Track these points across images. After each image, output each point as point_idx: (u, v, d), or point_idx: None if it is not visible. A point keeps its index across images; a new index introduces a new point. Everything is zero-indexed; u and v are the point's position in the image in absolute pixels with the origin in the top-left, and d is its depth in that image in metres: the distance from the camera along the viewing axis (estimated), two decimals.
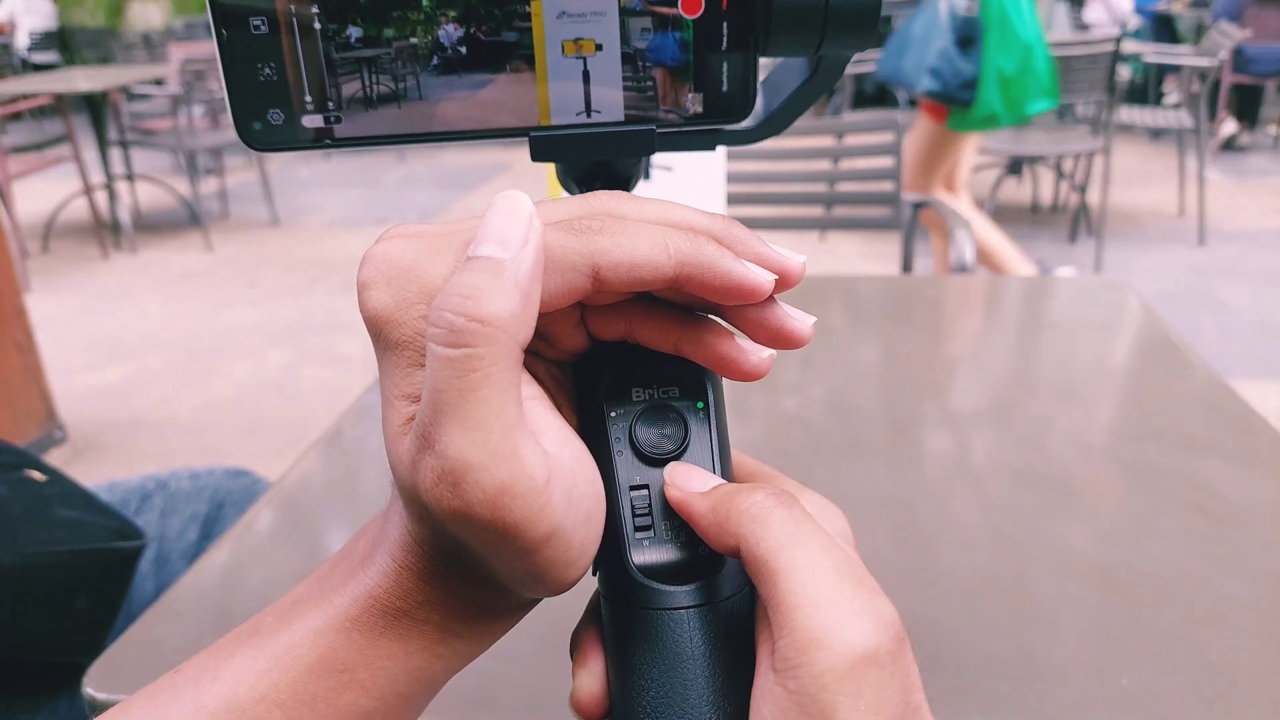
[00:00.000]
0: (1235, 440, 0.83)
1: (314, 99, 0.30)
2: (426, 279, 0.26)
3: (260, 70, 0.29)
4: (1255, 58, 5.53)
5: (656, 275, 0.27)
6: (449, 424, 0.24)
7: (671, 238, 0.27)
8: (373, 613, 0.28)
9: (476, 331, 0.24)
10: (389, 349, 0.27)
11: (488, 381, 0.24)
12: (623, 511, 0.29)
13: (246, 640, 0.29)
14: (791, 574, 0.25)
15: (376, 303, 0.27)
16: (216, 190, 5.45)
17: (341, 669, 0.28)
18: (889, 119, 2.03)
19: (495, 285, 0.24)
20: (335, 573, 0.30)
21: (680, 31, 0.30)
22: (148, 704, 0.29)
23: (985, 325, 1.13)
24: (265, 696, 0.27)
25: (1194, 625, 0.60)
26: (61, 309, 3.81)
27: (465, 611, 0.29)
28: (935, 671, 0.57)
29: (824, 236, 4.19)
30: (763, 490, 0.27)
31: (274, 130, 0.30)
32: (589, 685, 0.29)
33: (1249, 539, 0.69)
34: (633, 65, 0.30)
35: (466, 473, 0.24)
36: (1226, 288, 3.60)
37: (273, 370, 3.15)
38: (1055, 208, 4.71)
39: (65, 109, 4.46)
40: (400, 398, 0.27)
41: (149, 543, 0.99)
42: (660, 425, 0.30)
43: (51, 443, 2.63)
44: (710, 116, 0.31)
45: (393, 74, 0.29)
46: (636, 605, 0.28)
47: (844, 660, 0.23)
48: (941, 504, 0.75)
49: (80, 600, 0.90)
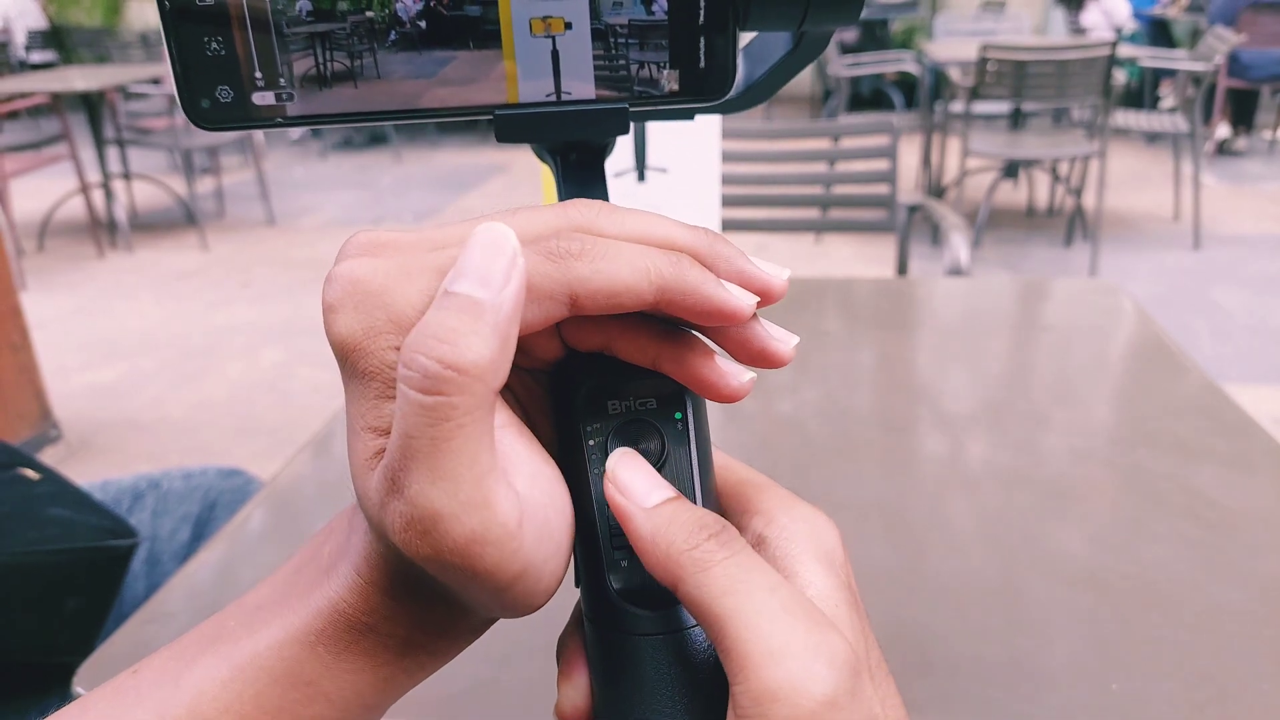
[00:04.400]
0: (1228, 445, 0.83)
1: (264, 75, 0.28)
2: (396, 306, 0.25)
3: (208, 45, 0.27)
4: (1251, 63, 5.54)
5: (637, 302, 0.26)
6: (419, 472, 0.23)
7: (652, 260, 0.26)
8: (338, 627, 0.27)
9: (451, 380, 0.23)
10: (355, 378, 0.26)
11: (461, 431, 0.23)
12: (600, 531, 0.28)
13: (210, 646, 0.28)
14: (738, 620, 0.24)
15: (343, 329, 0.25)
16: (212, 190, 5.44)
17: (306, 682, 0.27)
18: (885, 122, 2.04)
19: (474, 330, 0.23)
20: (301, 577, 0.29)
21: (655, 5, 0.28)
22: (106, 706, 0.28)
23: (980, 329, 1.13)
24: (229, 708, 0.27)
25: (1185, 631, 0.60)
26: (57, 308, 3.80)
27: (430, 627, 0.28)
28: (925, 676, 0.57)
29: (820, 239, 4.19)
30: (705, 528, 0.26)
31: (223, 108, 0.28)
32: (573, 698, 0.29)
33: (1240, 545, 0.69)
34: (604, 42, 0.28)
35: (436, 522, 0.24)
36: (1221, 292, 3.61)
37: (266, 370, 3.15)
38: (1051, 211, 4.72)
39: (62, 108, 4.45)
40: (367, 429, 0.26)
41: (141, 542, 0.99)
42: (637, 440, 0.28)
43: (46, 441, 2.62)
44: (686, 95, 0.29)
45: (348, 50, 0.28)
46: (617, 629, 0.28)
47: (802, 711, 0.23)
48: (934, 508, 0.75)
49: (71, 600, 0.90)
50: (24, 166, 4.33)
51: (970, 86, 4.10)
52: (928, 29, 7.06)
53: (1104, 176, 3.90)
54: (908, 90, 6.85)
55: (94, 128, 4.44)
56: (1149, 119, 4.64)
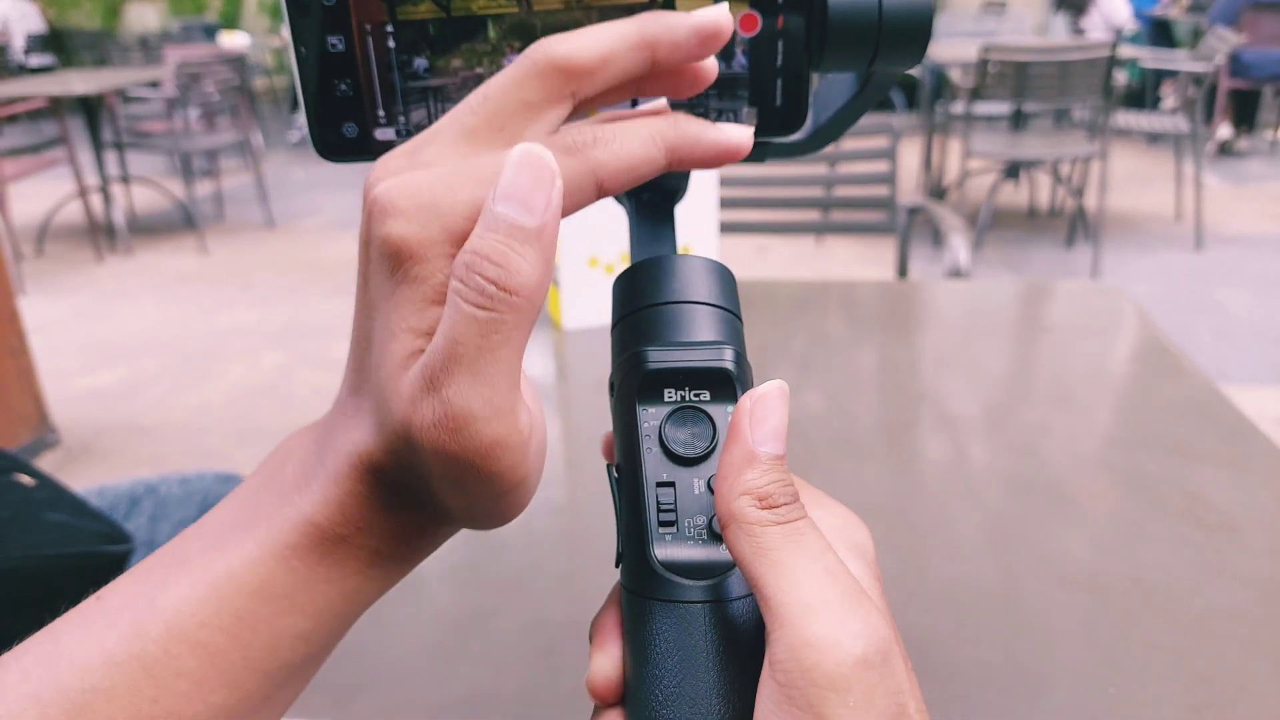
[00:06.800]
0: (1228, 448, 0.82)
1: (386, 114, 0.32)
2: (448, 216, 0.27)
3: (337, 86, 0.31)
4: (1252, 63, 5.54)
5: (653, 170, 0.29)
6: (461, 375, 0.25)
7: (655, 127, 0.29)
8: (311, 539, 0.29)
9: (506, 300, 0.25)
10: (406, 282, 0.27)
11: (506, 344, 0.26)
12: (647, 506, 0.30)
13: (179, 569, 0.29)
14: (783, 573, 0.25)
15: (402, 233, 0.27)
16: (212, 193, 5.45)
17: (282, 594, 0.29)
18: (885, 124, 2.03)
19: (525, 256, 0.26)
20: (266, 496, 0.30)
21: (737, 51, 0.31)
22: (78, 631, 0.29)
23: (980, 331, 1.13)
24: (207, 623, 0.28)
25: (1183, 634, 0.60)
26: (56, 312, 3.80)
27: (401, 537, 0.30)
28: (924, 678, 0.56)
29: (820, 240, 4.19)
30: (786, 490, 0.27)
31: (348, 142, 0.32)
32: (605, 669, 0.30)
33: (1239, 547, 0.69)
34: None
35: (469, 422, 0.26)
36: (1224, 292, 3.61)
37: (267, 373, 3.15)
38: (1053, 212, 4.72)
39: (61, 111, 4.46)
40: (408, 331, 0.27)
41: (138, 547, 0.99)
42: (690, 426, 0.30)
43: (44, 446, 2.62)
44: (764, 131, 0.32)
45: (457, 100, 0.30)
46: (656, 596, 0.29)
47: (832, 659, 0.24)
48: (934, 510, 0.75)
49: (68, 605, 0.90)
50: (23, 170, 4.32)
51: (971, 87, 4.10)
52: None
53: (1105, 177, 3.90)
54: (909, 91, 6.85)
55: (93, 131, 4.45)
56: (1150, 119, 4.64)
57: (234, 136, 5.00)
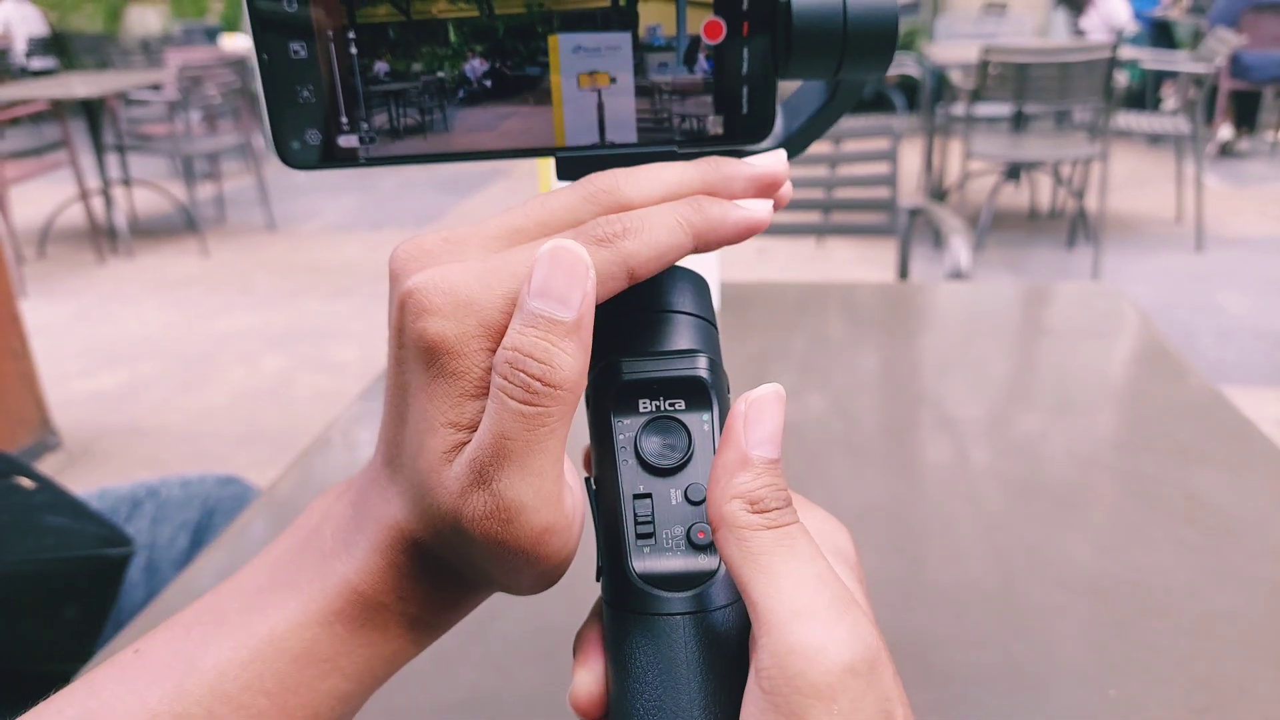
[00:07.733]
0: (1228, 450, 0.82)
1: (349, 121, 0.31)
2: (485, 312, 0.28)
3: (299, 93, 0.31)
4: (1252, 64, 5.54)
5: (680, 255, 0.29)
6: (511, 469, 0.27)
7: (680, 214, 0.29)
8: (354, 605, 0.30)
9: (550, 394, 0.27)
10: (443, 376, 0.28)
11: (552, 435, 0.27)
12: (625, 519, 0.30)
13: (218, 629, 0.30)
14: (771, 578, 0.25)
15: (439, 331, 0.27)
16: (213, 195, 5.45)
17: (324, 658, 0.29)
18: (886, 125, 2.03)
19: (565, 349, 0.27)
20: (305, 560, 0.31)
21: (701, 56, 0.31)
22: (117, 687, 0.29)
23: (981, 333, 1.13)
24: (250, 685, 0.29)
25: (1183, 636, 0.60)
26: (57, 315, 3.81)
27: (440, 605, 0.31)
28: (923, 682, 0.56)
29: (821, 242, 4.19)
30: (779, 495, 0.27)
31: (311, 149, 0.32)
32: (588, 684, 0.30)
33: (1239, 549, 0.69)
34: (649, 95, 0.31)
35: (520, 513, 0.27)
36: (1224, 293, 3.61)
37: (267, 376, 3.15)
38: (1053, 213, 4.71)
39: (62, 114, 4.46)
40: (448, 425, 0.28)
41: (139, 550, 0.99)
42: (665, 436, 0.31)
43: (45, 449, 2.62)
44: (730, 138, 0.32)
45: (419, 106, 0.31)
46: (635, 610, 0.29)
47: (818, 666, 0.24)
48: (934, 512, 0.75)
49: (69, 608, 0.90)
50: (24, 173, 4.33)
51: (972, 89, 4.10)
52: (929, 31, 7.06)
53: (1106, 178, 3.90)
54: (909, 93, 6.85)
55: (94, 134, 4.45)
56: (1151, 120, 4.63)
57: (235, 139, 5.01)
